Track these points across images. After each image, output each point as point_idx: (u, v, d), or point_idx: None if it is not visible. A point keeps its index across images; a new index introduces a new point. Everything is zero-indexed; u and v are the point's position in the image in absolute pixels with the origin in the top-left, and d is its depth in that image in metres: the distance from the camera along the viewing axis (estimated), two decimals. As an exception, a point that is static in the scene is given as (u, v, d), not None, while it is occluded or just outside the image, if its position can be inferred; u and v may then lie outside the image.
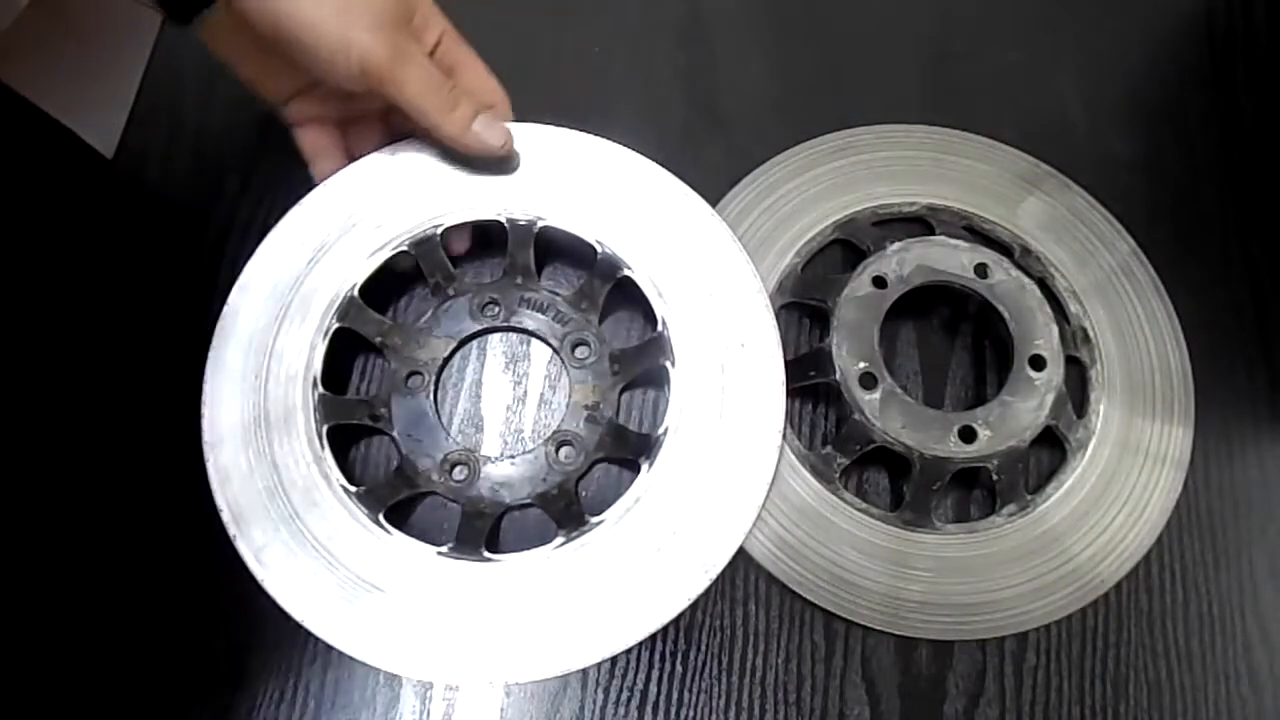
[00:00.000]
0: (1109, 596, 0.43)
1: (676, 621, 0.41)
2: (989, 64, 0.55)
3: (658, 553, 0.39)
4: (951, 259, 0.46)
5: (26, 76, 0.49)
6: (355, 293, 0.43)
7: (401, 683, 0.40)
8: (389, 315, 0.46)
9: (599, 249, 0.44)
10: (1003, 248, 0.48)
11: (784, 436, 0.41)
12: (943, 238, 0.46)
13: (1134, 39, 0.57)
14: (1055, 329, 0.45)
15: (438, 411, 0.43)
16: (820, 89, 0.53)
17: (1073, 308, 0.47)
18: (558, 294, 0.45)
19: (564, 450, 0.42)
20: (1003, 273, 0.46)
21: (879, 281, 0.45)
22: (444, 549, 0.40)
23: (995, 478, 0.43)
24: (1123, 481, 0.45)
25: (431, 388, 0.43)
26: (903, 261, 0.46)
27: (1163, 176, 0.53)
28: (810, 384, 0.45)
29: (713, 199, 0.48)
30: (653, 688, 0.41)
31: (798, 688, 0.41)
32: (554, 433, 0.42)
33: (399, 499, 0.41)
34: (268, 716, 0.40)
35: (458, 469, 0.42)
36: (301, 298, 0.42)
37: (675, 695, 0.41)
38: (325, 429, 0.41)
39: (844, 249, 0.49)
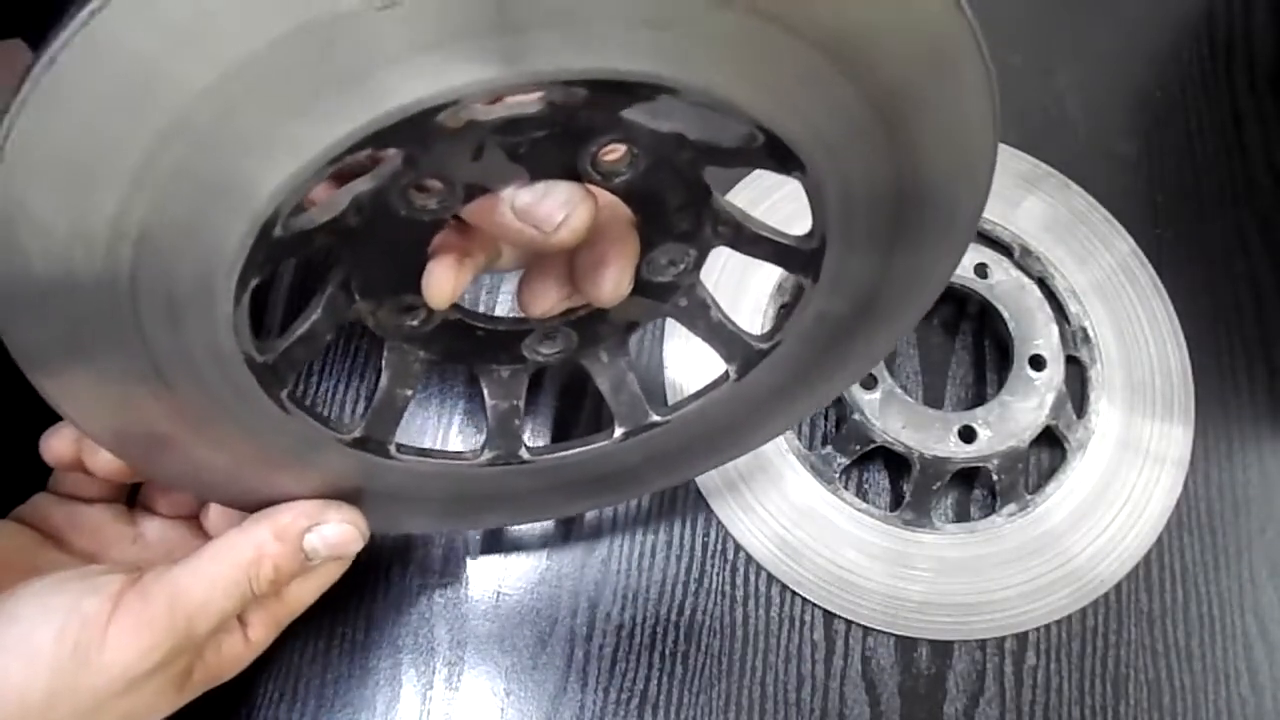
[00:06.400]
0: (1109, 596, 0.43)
1: (676, 621, 0.41)
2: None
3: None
4: (951, 259, 0.46)
5: None
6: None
7: (402, 682, 0.40)
8: None
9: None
10: (1003, 248, 0.48)
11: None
12: (943, 238, 0.46)
13: (1134, 40, 0.57)
14: (1055, 329, 0.45)
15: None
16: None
17: (1073, 308, 0.48)
18: None
19: None
20: (1003, 273, 0.46)
21: (879, 281, 0.45)
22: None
23: (995, 478, 0.43)
24: (1122, 481, 0.45)
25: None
26: (903, 261, 0.46)
27: (1163, 176, 0.53)
28: (810, 384, 0.45)
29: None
30: (653, 688, 0.41)
31: (798, 688, 0.41)
32: None
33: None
34: (268, 716, 0.40)
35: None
36: None
37: (675, 695, 0.41)
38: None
39: (844, 249, 0.49)
